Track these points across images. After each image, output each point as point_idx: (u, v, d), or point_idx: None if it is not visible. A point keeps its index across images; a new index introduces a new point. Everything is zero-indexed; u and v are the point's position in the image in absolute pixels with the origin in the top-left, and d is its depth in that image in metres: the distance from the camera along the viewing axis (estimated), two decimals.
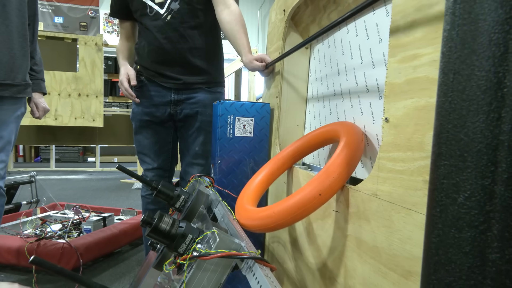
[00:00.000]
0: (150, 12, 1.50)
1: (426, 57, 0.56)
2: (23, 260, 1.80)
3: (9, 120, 1.58)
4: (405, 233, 0.59)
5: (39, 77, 1.74)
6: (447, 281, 0.25)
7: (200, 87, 1.57)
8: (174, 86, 1.55)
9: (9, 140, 1.59)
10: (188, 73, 1.54)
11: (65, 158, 6.88)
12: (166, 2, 1.49)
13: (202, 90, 1.57)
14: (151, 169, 1.64)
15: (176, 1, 1.48)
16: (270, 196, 1.35)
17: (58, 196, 3.28)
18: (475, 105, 0.23)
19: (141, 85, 1.59)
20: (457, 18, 0.24)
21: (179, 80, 1.54)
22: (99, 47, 5.11)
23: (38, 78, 1.73)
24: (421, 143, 0.56)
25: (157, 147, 1.63)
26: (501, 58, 0.22)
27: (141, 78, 1.59)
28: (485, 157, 0.23)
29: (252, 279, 0.59)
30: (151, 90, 1.58)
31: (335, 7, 1.10)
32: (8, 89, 1.54)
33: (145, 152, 1.64)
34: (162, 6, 1.49)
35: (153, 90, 1.58)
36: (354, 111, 0.98)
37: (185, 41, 1.49)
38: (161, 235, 0.68)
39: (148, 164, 1.64)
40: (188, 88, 1.56)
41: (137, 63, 1.63)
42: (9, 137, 1.58)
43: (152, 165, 1.64)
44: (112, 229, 2.17)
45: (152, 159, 1.64)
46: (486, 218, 0.23)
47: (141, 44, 1.57)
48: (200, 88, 1.57)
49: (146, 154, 1.64)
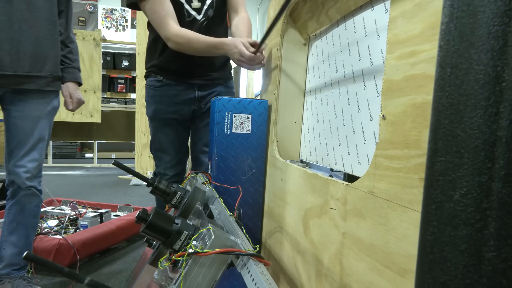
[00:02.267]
0: (188, 17, 1.53)
1: (424, 54, 0.56)
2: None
3: (39, 115, 1.50)
4: (401, 231, 0.59)
5: (74, 66, 1.62)
6: (442, 280, 0.24)
7: (219, 82, 1.66)
8: (201, 82, 1.61)
9: (41, 137, 1.52)
10: (213, 70, 1.63)
11: (62, 153, 6.86)
12: (203, 8, 1.54)
13: (220, 85, 1.67)
14: (170, 167, 1.66)
15: (212, 8, 1.55)
16: (267, 194, 1.35)
17: (55, 192, 3.27)
18: (472, 100, 0.23)
19: (161, 85, 1.60)
20: (455, 11, 0.23)
21: (208, 76, 1.62)
22: (97, 42, 5.09)
23: (72, 66, 1.61)
24: (418, 140, 0.56)
25: (177, 145, 1.67)
26: (500, 51, 0.21)
27: (159, 77, 1.60)
28: (482, 153, 0.22)
29: (247, 276, 0.58)
30: (173, 89, 1.60)
31: (333, 3, 1.10)
32: (34, 82, 1.46)
33: (166, 150, 1.66)
34: (199, 12, 1.54)
35: (175, 89, 1.60)
36: (352, 108, 0.97)
37: None
38: (156, 232, 0.67)
39: (167, 161, 1.66)
40: (210, 84, 1.64)
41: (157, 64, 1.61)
42: (41, 134, 1.51)
43: (171, 163, 1.66)
44: (108, 225, 2.17)
45: (173, 157, 1.66)
46: (482, 215, 0.23)
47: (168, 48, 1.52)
48: (219, 84, 1.66)
49: (166, 152, 1.66)
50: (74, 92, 1.61)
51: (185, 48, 1.45)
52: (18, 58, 1.41)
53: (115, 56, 6.63)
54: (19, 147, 1.47)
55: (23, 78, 1.43)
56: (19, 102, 1.47)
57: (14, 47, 1.39)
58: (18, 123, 1.47)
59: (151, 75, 1.62)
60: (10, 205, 1.52)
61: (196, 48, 1.43)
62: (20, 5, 1.39)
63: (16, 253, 1.54)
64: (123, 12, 7.31)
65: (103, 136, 5.72)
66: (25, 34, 1.41)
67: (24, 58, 1.42)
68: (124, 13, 7.32)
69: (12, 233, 1.53)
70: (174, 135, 1.65)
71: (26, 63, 1.43)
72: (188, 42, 1.42)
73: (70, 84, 1.61)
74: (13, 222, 1.52)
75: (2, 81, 1.40)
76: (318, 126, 1.19)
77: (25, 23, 1.41)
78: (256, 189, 1.35)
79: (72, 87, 1.61)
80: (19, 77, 1.43)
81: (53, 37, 1.50)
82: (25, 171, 1.48)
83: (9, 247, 1.54)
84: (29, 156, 1.49)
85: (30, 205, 1.53)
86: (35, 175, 1.52)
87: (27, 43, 1.42)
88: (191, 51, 1.46)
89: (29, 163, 1.49)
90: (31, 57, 1.43)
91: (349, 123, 0.98)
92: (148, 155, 4.56)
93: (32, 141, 1.49)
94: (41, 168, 1.56)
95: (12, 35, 1.38)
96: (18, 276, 1.56)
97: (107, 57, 6.52)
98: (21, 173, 1.47)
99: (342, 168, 1.02)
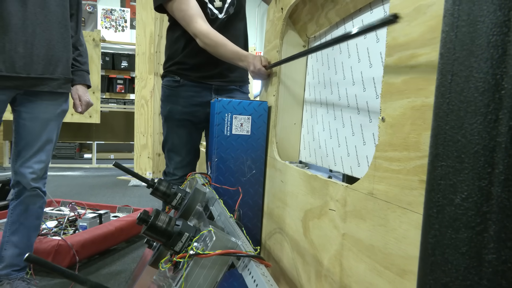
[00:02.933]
0: (212, 16, 1.56)
1: (423, 57, 0.56)
2: None
3: (49, 118, 1.53)
4: (401, 232, 0.59)
5: (84, 69, 1.64)
6: (444, 281, 0.25)
7: (236, 85, 1.69)
8: (219, 83, 1.63)
9: (49, 139, 1.54)
10: (232, 71, 1.64)
11: (61, 154, 6.84)
12: (224, 7, 1.58)
13: (237, 90, 1.69)
14: (180, 168, 1.67)
15: (233, 6, 1.59)
16: (267, 195, 1.35)
17: (53, 193, 3.27)
18: (472, 107, 0.23)
19: (178, 85, 1.62)
20: (456, 20, 0.24)
21: (226, 78, 1.63)
22: (97, 42, 5.08)
23: (82, 69, 1.63)
24: (417, 142, 0.57)
25: (189, 146, 1.68)
26: (499, 60, 0.22)
27: (176, 78, 1.62)
28: (482, 158, 0.23)
29: (248, 277, 0.59)
30: (189, 91, 1.61)
31: (333, 5, 1.10)
32: (47, 84, 1.48)
33: (177, 150, 1.67)
34: (221, 12, 1.58)
35: (192, 90, 1.61)
36: (351, 110, 0.98)
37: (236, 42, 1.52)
38: (157, 233, 0.68)
39: (178, 162, 1.68)
40: (227, 87, 1.66)
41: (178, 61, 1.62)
42: (49, 136, 1.54)
43: (181, 163, 1.67)
44: (108, 226, 2.16)
45: (183, 157, 1.67)
46: (482, 219, 0.23)
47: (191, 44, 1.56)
48: (235, 89, 1.69)
49: (178, 153, 1.67)
50: (83, 94, 1.63)
51: (211, 50, 1.48)
52: (32, 61, 1.43)
53: (114, 57, 6.62)
54: (27, 148, 1.49)
55: (36, 80, 1.45)
56: (29, 104, 1.49)
57: (28, 49, 1.42)
58: (27, 124, 1.49)
59: (169, 75, 1.64)
60: (14, 206, 1.53)
61: (221, 53, 1.47)
62: (34, 8, 1.41)
63: (17, 254, 1.54)
64: (122, 12, 7.31)
65: (102, 136, 5.72)
66: (38, 37, 1.43)
67: (38, 61, 1.44)
68: (123, 14, 7.31)
69: (14, 233, 1.54)
70: (187, 136, 1.66)
71: (40, 65, 1.45)
72: (215, 46, 1.46)
73: (80, 87, 1.62)
74: (16, 222, 1.53)
75: (16, 83, 1.42)
76: (317, 127, 1.20)
77: (39, 27, 1.43)
78: (255, 190, 1.35)
79: (81, 89, 1.63)
80: (33, 79, 1.45)
81: (65, 40, 1.52)
82: (31, 172, 1.50)
83: (10, 248, 1.54)
84: (36, 158, 1.51)
85: (34, 206, 1.54)
86: (40, 176, 1.53)
87: (40, 46, 1.44)
88: (215, 55, 1.49)
89: (36, 165, 1.50)
90: (44, 59, 1.45)
91: (349, 124, 0.99)
92: (147, 156, 4.56)
93: (40, 143, 1.51)
94: (47, 170, 1.57)
95: (26, 38, 1.41)
96: (18, 277, 1.56)
97: (106, 57, 6.51)
98: (27, 174, 1.49)
99: (341, 169, 1.02)
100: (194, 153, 1.72)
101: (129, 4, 7.55)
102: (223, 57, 1.48)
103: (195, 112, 1.63)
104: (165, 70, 1.67)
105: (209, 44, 1.46)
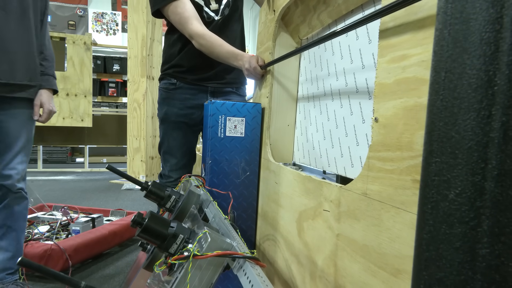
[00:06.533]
0: (208, 18, 1.57)
1: (415, 57, 0.57)
2: None
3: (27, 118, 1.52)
4: (394, 232, 0.60)
5: (48, 72, 1.56)
6: (438, 276, 0.25)
7: (233, 87, 1.70)
8: (215, 85, 1.64)
9: (29, 138, 1.54)
10: (228, 72, 1.65)
11: (53, 158, 6.78)
12: (220, 9, 1.59)
13: (233, 93, 1.70)
14: (175, 170, 1.68)
15: (228, 7, 1.61)
16: (261, 197, 1.35)
17: (45, 197, 3.24)
18: (466, 103, 0.23)
19: (175, 88, 1.63)
20: (449, 17, 0.24)
21: (223, 79, 1.64)
22: (88, 46, 5.06)
23: (46, 73, 1.55)
24: (410, 142, 0.57)
25: (185, 148, 1.68)
26: (491, 56, 0.22)
27: (173, 81, 1.63)
28: (475, 154, 0.23)
29: (243, 278, 0.59)
30: (185, 93, 1.62)
31: (325, 7, 1.11)
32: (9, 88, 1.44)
33: (173, 152, 1.67)
34: (217, 14, 1.59)
35: (188, 93, 1.62)
36: (344, 111, 0.99)
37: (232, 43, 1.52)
38: (151, 235, 0.67)
39: (173, 164, 1.68)
40: (223, 89, 1.67)
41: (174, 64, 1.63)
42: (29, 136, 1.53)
43: (177, 165, 1.68)
44: (101, 230, 2.15)
45: (179, 160, 1.68)
46: (476, 214, 0.23)
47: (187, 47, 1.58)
48: (232, 91, 1.70)
49: (173, 155, 1.67)
50: (47, 101, 1.54)
51: (207, 51, 1.49)
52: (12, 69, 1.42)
53: (106, 60, 6.60)
54: (8, 150, 1.48)
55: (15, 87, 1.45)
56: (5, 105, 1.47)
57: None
58: (6, 126, 1.47)
59: (166, 77, 1.65)
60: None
61: (217, 54, 1.47)
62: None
63: (9, 257, 1.53)
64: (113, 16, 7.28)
65: (94, 140, 5.68)
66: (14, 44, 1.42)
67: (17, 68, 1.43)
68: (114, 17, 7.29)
69: (2, 238, 1.52)
70: (183, 138, 1.67)
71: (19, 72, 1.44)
72: (211, 46, 1.46)
73: (44, 92, 1.53)
74: (3, 226, 1.51)
75: None
76: (310, 128, 1.20)
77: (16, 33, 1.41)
78: (250, 192, 1.35)
79: (45, 95, 1.53)
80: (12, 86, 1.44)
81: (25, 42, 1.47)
82: (16, 173, 1.49)
83: (1, 253, 1.52)
84: (18, 158, 1.50)
85: (20, 208, 1.54)
86: (23, 176, 1.54)
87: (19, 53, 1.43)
88: (211, 55, 1.49)
89: (19, 165, 1.50)
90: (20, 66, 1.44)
91: (342, 125, 1.00)
92: (140, 159, 4.53)
93: (20, 143, 1.50)
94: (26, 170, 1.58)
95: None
96: (11, 281, 1.54)
97: (98, 61, 6.49)
98: (13, 175, 1.48)
99: (335, 170, 1.03)
100: (189, 156, 1.72)
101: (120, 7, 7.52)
102: (219, 58, 1.48)
103: (191, 115, 1.63)
104: (162, 73, 1.68)
105: (205, 44, 1.46)
